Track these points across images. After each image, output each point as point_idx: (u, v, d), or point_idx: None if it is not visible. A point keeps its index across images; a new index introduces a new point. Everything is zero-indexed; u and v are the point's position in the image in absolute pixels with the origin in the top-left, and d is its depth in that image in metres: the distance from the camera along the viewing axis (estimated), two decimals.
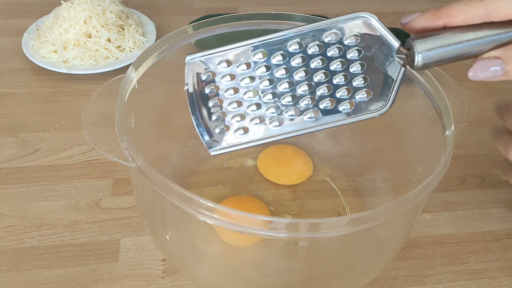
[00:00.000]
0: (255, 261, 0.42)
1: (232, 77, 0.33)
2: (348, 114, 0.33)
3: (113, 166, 0.55)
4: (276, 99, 0.33)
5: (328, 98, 0.33)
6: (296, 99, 0.33)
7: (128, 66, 0.41)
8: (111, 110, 0.37)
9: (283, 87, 0.33)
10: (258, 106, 0.33)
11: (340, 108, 0.33)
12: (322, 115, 0.33)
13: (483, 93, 0.69)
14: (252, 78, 0.33)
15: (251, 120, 0.33)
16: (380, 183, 0.51)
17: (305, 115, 0.33)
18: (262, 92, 0.33)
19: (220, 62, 0.33)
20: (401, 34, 0.34)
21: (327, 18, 0.47)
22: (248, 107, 0.33)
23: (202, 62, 0.33)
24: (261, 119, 0.33)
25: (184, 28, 0.45)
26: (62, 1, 0.72)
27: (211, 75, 0.33)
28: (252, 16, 0.46)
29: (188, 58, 0.33)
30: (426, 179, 0.33)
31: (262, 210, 0.48)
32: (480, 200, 0.54)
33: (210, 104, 0.33)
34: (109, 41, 0.70)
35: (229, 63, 0.33)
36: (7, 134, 0.59)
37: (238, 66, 0.33)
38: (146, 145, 0.42)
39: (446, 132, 0.37)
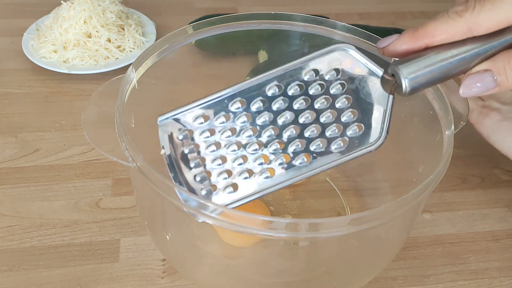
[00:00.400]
0: (255, 261, 0.42)
1: (212, 131, 0.31)
2: (342, 153, 0.31)
3: (113, 166, 0.55)
4: (263, 148, 0.31)
5: (318, 139, 0.31)
6: (284, 145, 0.31)
7: (128, 66, 0.41)
8: (111, 110, 0.37)
9: (267, 134, 0.31)
10: (245, 158, 0.30)
11: (333, 148, 0.31)
12: (314, 158, 0.31)
13: None
14: (233, 130, 0.31)
15: (239, 175, 0.31)
16: (380, 183, 0.51)
17: (296, 160, 0.31)
18: (247, 144, 0.31)
19: (196, 117, 0.31)
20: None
21: (327, 18, 0.47)
22: (233, 161, 0.31)
23: (175, 121, 0.31)
24: (250, 172, 0.30)
25: (184, 28, 0.45)
26: (62, 1, 0.72)
27: (188, 133, 0.31)
28: (252, 16, 0.46)
29: (160, 119, 0.31)
30: (426, 179, 0.33)
31: (262, 210, 0.48)
32: (480, 200, 0.54)
33: (192, 164, 0.31)
34: (109, 41, 0.70)
35: (206, 117, 0.31)
36: (7, 134, 0.59)
37: (216, 120, 0.31)
38: (146, 145, 0.42)
39: (446, 132, 0.37)
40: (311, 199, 0.51)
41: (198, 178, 0.31)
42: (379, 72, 0.31)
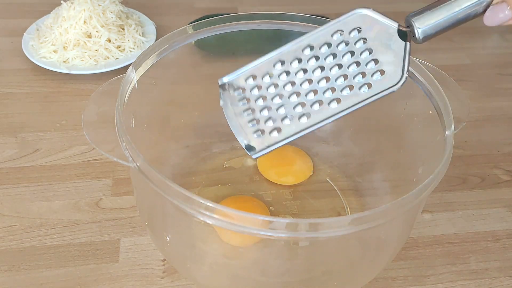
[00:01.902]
0: (255, 261, 0.42)
1: (259, 87, 0.37)
2: (368, 95, 0.36)
3: (113, 166, 0.55)
4: (301, 97, 0.36)
5: (347, 85, 0.36)
6: (318, 93, 0.36)
7: (128, 66, 0.41)
8: (111, 110, 0.37)
9: (305, 86, 0.36)
10: (286, 107, 0.36)
11: (361, 91, 0.36)
12: (344, 100, 0.36)
13: (483, 93, 0.69)
14: (276, 85, 0.37)
15: (282, 120, 0.36)
16: (380, 183, 0.51)
17: (329, 104, 0.36)
18: (288, 95, 0.36)
19: (247, 78, 0.37)
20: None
21: (327, 18, 0.47)
22: (277, 110, 0.37)
23: (233, 81, 0.37)
24: (291, 118, 0.36)
25: (184, 28, 0.45)
26: (62, 1, 0.73)
27: (241, 91, 0.37)
28: (252, 16, 0.46)
29: (220, 80, 0.37)
30: (426, 179, 0.33)
31: (262, 210, 0.48)
32: (480, 200, 0.54)
33: (245, 114, 0.37)
34: (109, 41, 0.70)
35: (254, 77, 0.37)
36: (7, 134, 0.59)
37: (263, 78, 0.37)
38: (146, 145, 0.42)
39: (446, 132, 0.37)
40: (311, 199, 0.51)
41: (250, 125, 0.37)
42: (394, 25, 0.35)
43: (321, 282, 0.41)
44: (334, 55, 0.36)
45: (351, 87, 0.36)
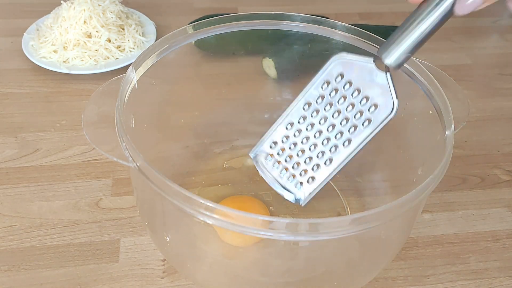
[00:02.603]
0: (255, 261, 0.42)
1: (283, 149, 0.42)
2: (371, 128, 0.39)
3: (113, 166, 0.55)
4: (319, 147, 0.41)
5: (352, 125, 0.39)
6: (331, 139, 0.41)
7: (128, 66, 0.41)
8: (111, 110, 0.37)
9: (318, 137, 0.41)
10: (312, 158, 0.41)
11: (363, 127, 0.39)
12: (354, 138, 0.39)
13: (483, 93, 0.69)
14: (295, 143, 0.42)
15: (313, 170, 0.41)
16: (380, 183, 0.51)
17: (344, 145, 0.40)
18: (308, 148, 0.41)
19: (270, 145, 0.43)
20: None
21: (327, 18, 0.47)
22: (306, 162, 0.41)
23: (260, 152, 0.43)
24: (319, 166, 0.41)
25: (184, 28, 0.45)
26: (62, 1, 0.73)
27: (270, 156, 0.43)
28: (252, 16, 0.46)
29: (251, 155, 0.44)
30: (426, 179, 0.33)
31: (262, 210, 0.48)
32: (480, 200, 0.54)
33: (282, 174, 0.42)
34: (109, 41, 0.70)
35: (275, 142, 0.43)
36: (7, 134, 0.59)
37: (282, 141, 0.42)
38: (146, 145, 0.42)
39: (446, 132, 0.37)
40: (311, 199, 0.51)
41: (289, 180, 0.42)
42: (370, 61, 0.38)
43: (321, 282, 0.41)
44: (331, 104, 0.40)
45: (355, 126, 0.39)
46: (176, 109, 0.53)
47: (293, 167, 0.42)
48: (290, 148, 0.42)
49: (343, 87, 0.39)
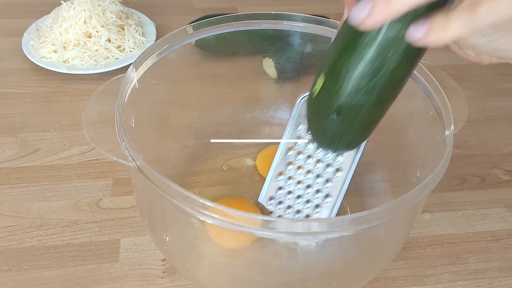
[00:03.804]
0: (255, 261, 0.42)
1: (280, 202, 0.46)
2: (346, 173, 0.42)
3: (113, 166, 0.55)
4: (314, 186, 0.44)
5: (326, 180, 0.43)
6: (322, 179, 0.44)
7: (128, 66, 0.41)
8: (111, 110, 0.37)
9: (308, 180, 0.44)
10: (308, 201, 0.44)
11: (339, 176, 0.42)
12: (343, 165, 0.42)
13: (483, 93, 0.69)
14: (289, 192, 0.45)
15: (316, 207, 0.44)
16: (380, 183, 0.51)
17: (334, 180, 0.43)
18: (305, 187, 0.44)
19: (269, 202, 0.46)
20: None
21: (327, 18, 0.47)
22: (310, 200, 0.44)
23: (263, 199, 0.46)
24: (323, 199, 0.44)
25: (184, 28, 0.45)
26: (62, 1, 0.73)
27: (274, 199, 0.46)
28: (252, 16, 0.46)
29: (260, 201, 0.46)
30: (425, 179, 0.33)
31: (253, 210, 0.48)
32: (480, 200, 0.54)
33: (287, 212, 0.45)
34: (109, 41, 0.70)
35: (271, 197, 0.46)
36: (7, 134, 0.59)
37: (278, 195, 0.45)
38: (146, 144, 0.42)
39: (446, 132, 0.37)
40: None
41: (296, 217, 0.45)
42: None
43: (320, 282, 0.41)
44: (308, 156, 0.44)
45: (330, 179, 0.43)
46: (176, 109, 0.53)
47: (298, 205, 0.45)
48: (287, 198, 0.45)
49: (306, 146, 0.43)
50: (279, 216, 0.45)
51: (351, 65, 0.31)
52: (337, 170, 0.43)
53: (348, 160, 0.42)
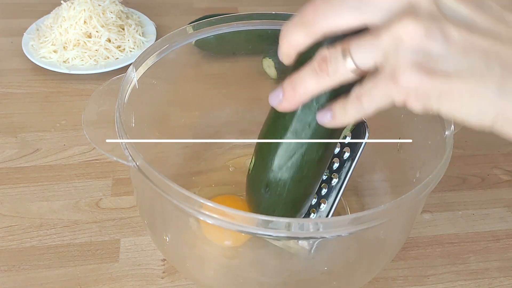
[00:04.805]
0: (255, 261, 0.42)
1: None
2: (351, 158, 0.41)
3: (113, 166, 0.55)
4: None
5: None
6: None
7: (128, 66, 0.41)
8: (111, 110, 0.37)
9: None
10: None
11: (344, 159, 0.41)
12: (340, 173, 0.41)
13: None
14: None
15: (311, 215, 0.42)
16: (380, 183, 0.51)
17: (332, 180, 0.41)
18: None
19: None
20: None
21: None
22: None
23: None
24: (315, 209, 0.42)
25: (184, 28, 0.45)
26: (62, 1, 0.73)
27: None
28: (252, 16, 0.46)
29: None
30: (425, 179, 0.33)
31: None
32: (480, 200, 0.54)
33: None
34: (109, 41, 0.70)
35: None
36: (7, 134, 0.59)
37: None
38: (146, 144, 0.42)
39: (446, 132, 0.37)
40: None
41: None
42: None
43: (320, 282, 0.41)
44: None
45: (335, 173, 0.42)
46: (176, 109, 0.53)
47: None
48: None
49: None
50: None
51: (273, 144, 0.36)
52: (334, 174, 0.43)
53: (347, 164, 0.42)
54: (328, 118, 0.32)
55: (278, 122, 0.36)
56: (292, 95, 0.32)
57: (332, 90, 0.32)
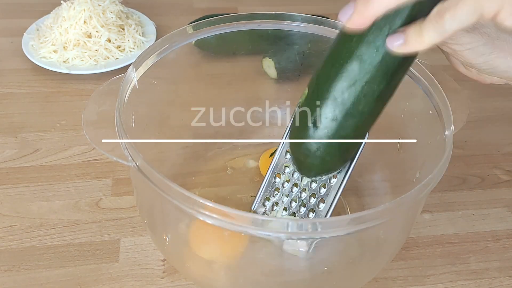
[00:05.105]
0: (255, 261, 0.42)
1: (267, 211, 0.44)
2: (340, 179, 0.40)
3: (113, 166, 0.55)
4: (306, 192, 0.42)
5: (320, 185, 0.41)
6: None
7: (128, 66, 0.41)
8: (111, 110, 0.37)
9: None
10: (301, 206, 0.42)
11: (331, 181, 0.41)
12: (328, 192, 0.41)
13: (483, 93, 0.69)
14: (286, 195, 0.43)
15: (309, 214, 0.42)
16: (380, 183, 0.51)
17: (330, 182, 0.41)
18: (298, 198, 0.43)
19: (259, 208, 0.44)
20: None
21: (327, 18, 0.47)
22: (303, 203, 0.43)
23: (257, 208, 0.44)
24: (313, 209, 0.41)
25: (184, 28, 0.45)
26: (62, 1, 0.73)
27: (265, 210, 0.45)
28: (252, 16, 0.46)
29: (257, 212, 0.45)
30: (425, 179, 0.33)
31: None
32: (480, 200, 0.54)
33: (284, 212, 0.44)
34: (109, 41, 0.70)
35: (263, 207, 0.44)
36: (7, 134, 0.59)
37: (270, 206, 0.44)
38: (146, 144, 0.42)
39: (446, 132, 0.37)
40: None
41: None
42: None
43: (320, 282, 0.41)
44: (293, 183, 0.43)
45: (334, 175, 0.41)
46: (176, 109, 0.53)
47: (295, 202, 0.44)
48: (282, 201, 0.43)
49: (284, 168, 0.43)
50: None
51: (333, 70, 0.33)
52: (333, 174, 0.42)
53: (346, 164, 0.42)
54: (400, 41, 0.30)
55: (343, 46, 0.32)
56: (364, 7, 0.29)
57: (409, 12, 0.29)
